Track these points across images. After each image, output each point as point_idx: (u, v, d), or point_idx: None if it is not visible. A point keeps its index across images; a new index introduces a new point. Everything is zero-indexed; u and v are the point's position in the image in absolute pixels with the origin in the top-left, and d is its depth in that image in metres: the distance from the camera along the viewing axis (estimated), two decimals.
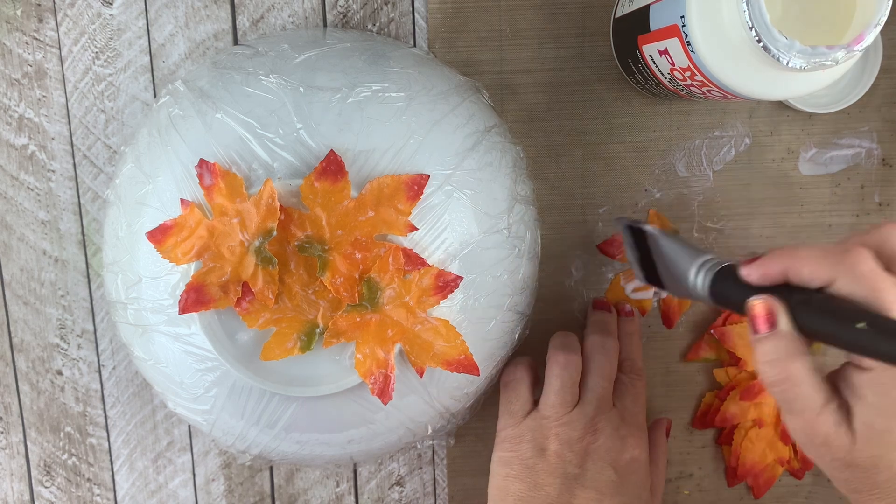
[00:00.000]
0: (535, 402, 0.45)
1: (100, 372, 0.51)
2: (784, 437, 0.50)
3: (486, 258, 0.42)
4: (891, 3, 0.32)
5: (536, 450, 0.43)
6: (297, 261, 0.40)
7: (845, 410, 0.34)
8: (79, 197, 0.50)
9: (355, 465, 0.52)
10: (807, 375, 0.34)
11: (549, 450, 0.43)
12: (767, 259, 0.35)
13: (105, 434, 0.52)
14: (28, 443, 0.52)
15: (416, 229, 0.39)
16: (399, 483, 0.53)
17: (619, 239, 0.50)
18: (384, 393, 0.40)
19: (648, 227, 0.43)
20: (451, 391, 0.43)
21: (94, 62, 0.48)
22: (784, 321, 0.34)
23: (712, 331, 0.49)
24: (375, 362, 0.40)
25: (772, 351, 0.34)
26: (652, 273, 0.44)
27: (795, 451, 0.51)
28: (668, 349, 0.51)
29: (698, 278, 0.39)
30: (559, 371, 0.44)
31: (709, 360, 0.51)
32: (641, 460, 0.44)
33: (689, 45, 0.36)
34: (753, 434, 0.50)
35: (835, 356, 0.51)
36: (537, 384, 0.46)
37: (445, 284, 0.40)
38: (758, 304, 0.35)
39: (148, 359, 0.43)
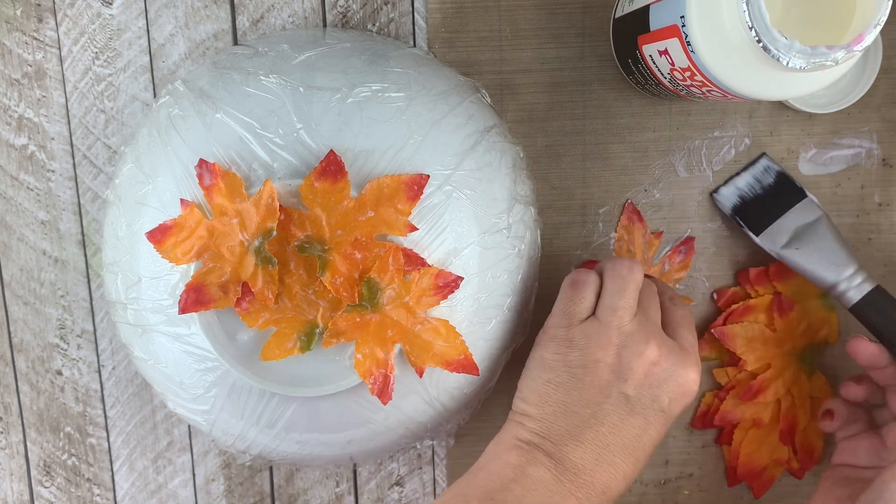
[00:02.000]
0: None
1: (99, 372, 0.51)
2: (783, 437, 0.50)
3: (486, 258, 0.42)
4: (891, 3, 0.32)
5: (588, 360, 0.39)
6: (296, 261, 0.40)
7: None
8: (78, 197, 0.50)
9: (355, 465, 0.52)
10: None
11: (603, 362, 0.39)
12: None
13: (105, 434, 0.52)
14: (28, 443, 0.52)
15: (416, 229, 0.39)
16: (399, 483, 0.53)
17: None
18: (384, 393, 0.40)
19: (813, 198, 0.47)
20: (451, 391, 0.43)
21: (93, 62, 0.48)
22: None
23: (712, 330, 0.49)
24: (375, 362, 0.40)
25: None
26: (753, 215, 0.47)
27: (795, 451, 0.51)
28: None
29: (849, 283, 0.46)
30: (625, 273, 0.40)
31: (709, 359, 0.51)
32: (693, 393, 0.41)
33: (689, 45, 0.36)
34: (753, 434, 0.50)
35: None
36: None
37: (446, 285, 0.40)
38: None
39: (148, 359, 0.43)
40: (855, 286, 0.46)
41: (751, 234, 0.48)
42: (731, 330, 0.49)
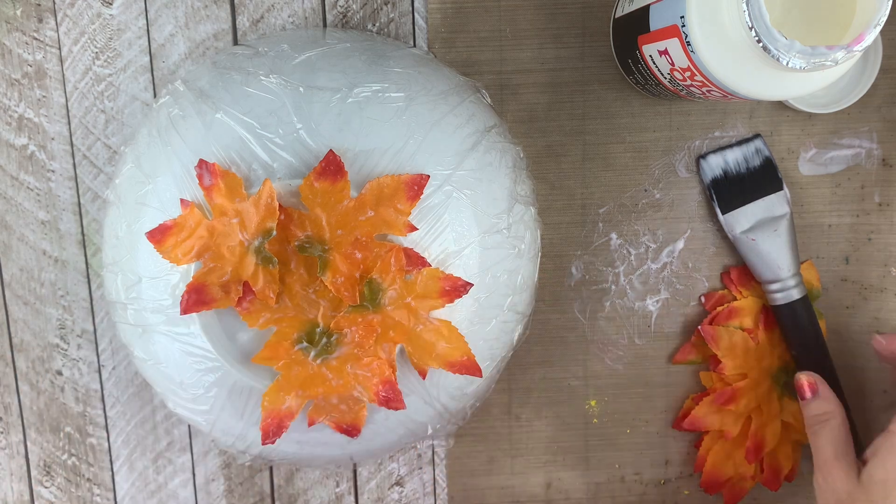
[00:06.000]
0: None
1: (100, 372, 0.51)
2: (749, 455, 0.49)
3: (486, 258, 0.42)
4: (890, 3, 0.32)
5: None
6: (297, 260, 0.40)
7: (859, 465, 0.42)
8: (79, 197, 0.50)
9: (355, 465, 0.52)
10: (831, 431, 0.43)
11: None
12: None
13: (105, 434, 0.52)
14: (28, 443, 0.52)
15: (416, 229, 0.39)
16: (399, 483, 0.53)
17: None
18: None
19: (787, 192, 0.48)
20: (452, 391, 0.43)
21: (94, 62, 0.48)
22: (824, 390, 0.45)
23: (699, 328, 0.49)
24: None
25: (813, 408, 0.44)
26: (727, 193, 0.48)
27: (761, 470, 0.51)
28: (668, 349, 0.51)
29: (782, 285, 0.48)
30: None
31: (695, 362, 0.51)
32: None
33: (689, 45, 0.36)
34: (720, 445, 0.50)
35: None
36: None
37: (454, 289, 0.40)
38: (804, 377, 0.46)
39: (148, 359, 0.43)
40: (786, 289, 0.48)
41: (718, 210, 0.49)
42: (715, 331, 0.49)
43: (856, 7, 0.34)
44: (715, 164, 0.48)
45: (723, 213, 0.48)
